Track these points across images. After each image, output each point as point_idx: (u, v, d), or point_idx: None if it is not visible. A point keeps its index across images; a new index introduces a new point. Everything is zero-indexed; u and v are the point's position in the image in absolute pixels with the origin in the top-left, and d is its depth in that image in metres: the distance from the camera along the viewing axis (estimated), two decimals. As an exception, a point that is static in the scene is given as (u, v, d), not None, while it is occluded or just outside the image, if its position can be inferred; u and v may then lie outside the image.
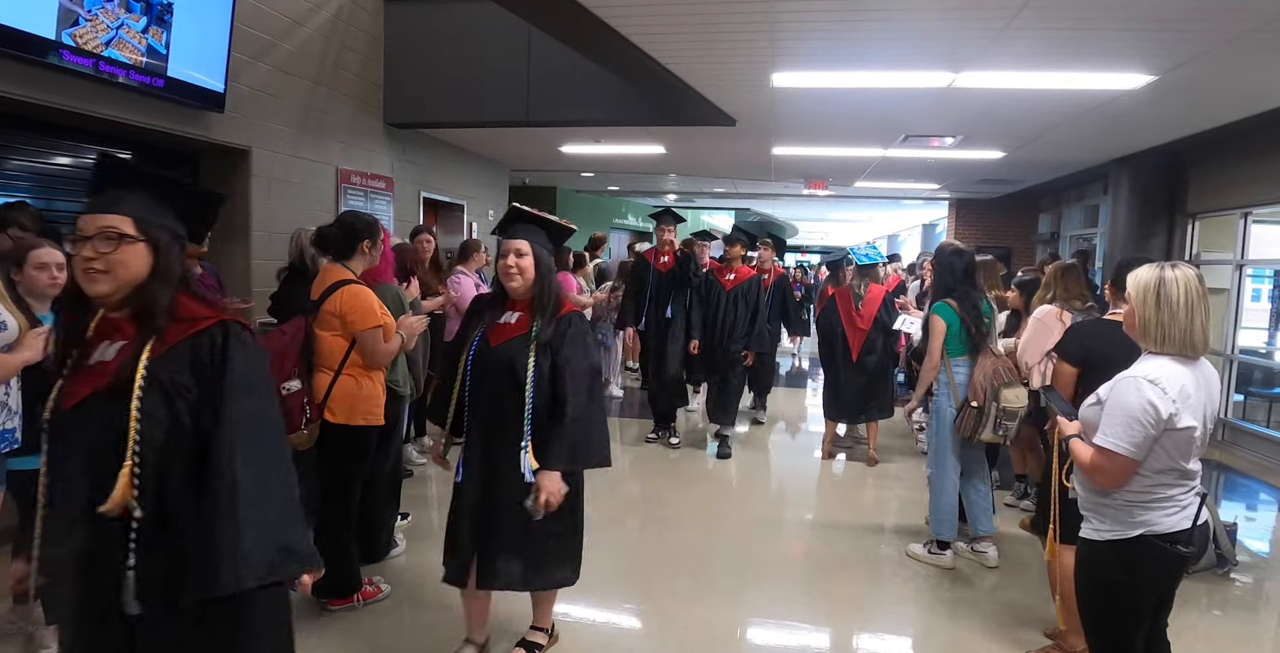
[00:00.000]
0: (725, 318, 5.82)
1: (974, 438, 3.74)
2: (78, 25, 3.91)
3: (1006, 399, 3.65)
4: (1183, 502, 2.06)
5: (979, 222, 12.62)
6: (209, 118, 4.95)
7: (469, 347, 2.57)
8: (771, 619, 3.34)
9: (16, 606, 2.92)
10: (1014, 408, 3.65)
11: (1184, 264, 2.08)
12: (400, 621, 3.19)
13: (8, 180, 4.34)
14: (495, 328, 2.58)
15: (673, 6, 3.90)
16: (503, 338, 2.54)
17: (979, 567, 3.90)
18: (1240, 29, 3.87)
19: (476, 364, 2.55)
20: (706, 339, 5.87)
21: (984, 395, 3.67)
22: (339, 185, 6.42)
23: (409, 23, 6.89)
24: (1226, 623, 3.48)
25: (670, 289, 6.02)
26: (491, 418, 2.56)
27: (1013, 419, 3.68)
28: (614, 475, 5.26)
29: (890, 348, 5.89)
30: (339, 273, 3.14)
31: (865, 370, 5.71)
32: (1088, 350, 2.71)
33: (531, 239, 2.55)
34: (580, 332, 2.57)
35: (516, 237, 2.55)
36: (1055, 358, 2.82)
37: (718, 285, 5.89)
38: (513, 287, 2.54)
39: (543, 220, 2.67)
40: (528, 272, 2.53)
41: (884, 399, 5.78)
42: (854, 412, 5.86)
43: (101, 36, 4.04)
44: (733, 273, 5.90)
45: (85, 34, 3.96)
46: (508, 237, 2.56)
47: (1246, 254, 6.93)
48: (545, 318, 2.51)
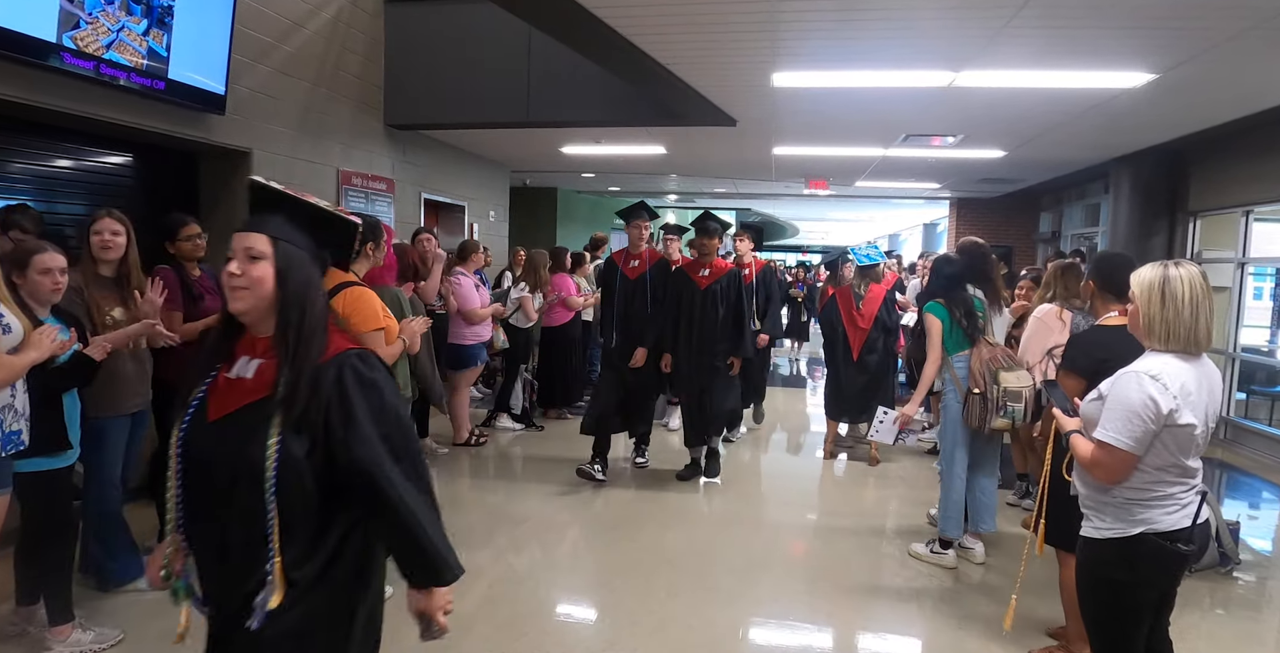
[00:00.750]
0: (702, 321, 4.96)
1: (985, 427, 3.73)
2: (79, 28, 3.92)
3: (1007, 381, 3.65)
4: (1183, 500, 2.06)
5: (980, 221, 12.62)
6: (209, 120, 4.96)
7: (180, 421, 1.59)
8: (773, 619, 3.34)
9: (19, 607, 2.93)
10: (1016, 388, 3.65)
11: (1187, 262, 2.08)
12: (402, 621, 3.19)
13: (9, 183, 4.34)
14: (219, 388, 1.59)
15: (672, 7, 3.90)
16: (228, 407, 1.55)
17: (984, 568, 3.90)
18: (1240, 27, 3.87)
19: (188, 454, 1.58)
20: (681, 349, 5.01)
21: (984, 381, 3.69)
22: (340, 187, 6.43)
23: (409, 24, 6.90)
24: (1229, 622, 3.47)
25: (641, 301, 5.11)
26: (211, 538, 1.56)
27: (1017, 400, 3.66)
28: (613, 478, 5.27)
29: (890, 348, 5.90)
30: (342, 275, 3.14)
31: (866, 370, 5.73)
32: (1098, 360, 2.55)
33: (277, 234, 1.57)
34: (364, 386, 1.55)
35: (253, 230, 1.57)
36: (1061, 368, 2.77)
37: (690, 284, 5.00)
38: (239, 309, 1.55)
39: (300, 206, 1.66)
40: (261, 286, 1.53)
41: (885, 399, 5.76)
42: (855, 410, 5.88)
43: (102, 39, 4.05)
44: (706, 269, 5.02)
45: (86, 36, 3.97)
46: (241, 229, 1.58)
47: (1248, 252, 6.92)
48: (291, 369, 1.50)
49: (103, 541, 3.27)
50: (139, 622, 3.05)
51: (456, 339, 5.73)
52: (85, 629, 2.85)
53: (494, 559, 3.87)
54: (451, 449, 5.87)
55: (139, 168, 5.16)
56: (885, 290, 5.82)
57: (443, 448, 5.80)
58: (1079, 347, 2.77)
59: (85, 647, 2.81)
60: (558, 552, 4.05)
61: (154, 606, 3.22)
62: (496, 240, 9.80)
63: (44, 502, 2.79)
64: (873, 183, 11.06)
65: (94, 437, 3.18)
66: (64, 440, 2.74)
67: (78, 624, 2.85)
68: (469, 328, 5.74)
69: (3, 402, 2.42)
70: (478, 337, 5.82)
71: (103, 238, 3.19)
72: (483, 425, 6.48)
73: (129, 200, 4.81)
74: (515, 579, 3.66)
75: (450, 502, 4.90)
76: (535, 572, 3.77)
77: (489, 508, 4.71)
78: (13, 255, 2.72)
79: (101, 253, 3.20)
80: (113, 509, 3.29)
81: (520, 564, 3.85)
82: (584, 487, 5.07)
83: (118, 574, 3.30)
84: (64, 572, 2.87)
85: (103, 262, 3.21)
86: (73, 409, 2.81)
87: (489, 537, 4.18)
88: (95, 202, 4.69)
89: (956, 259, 4.15)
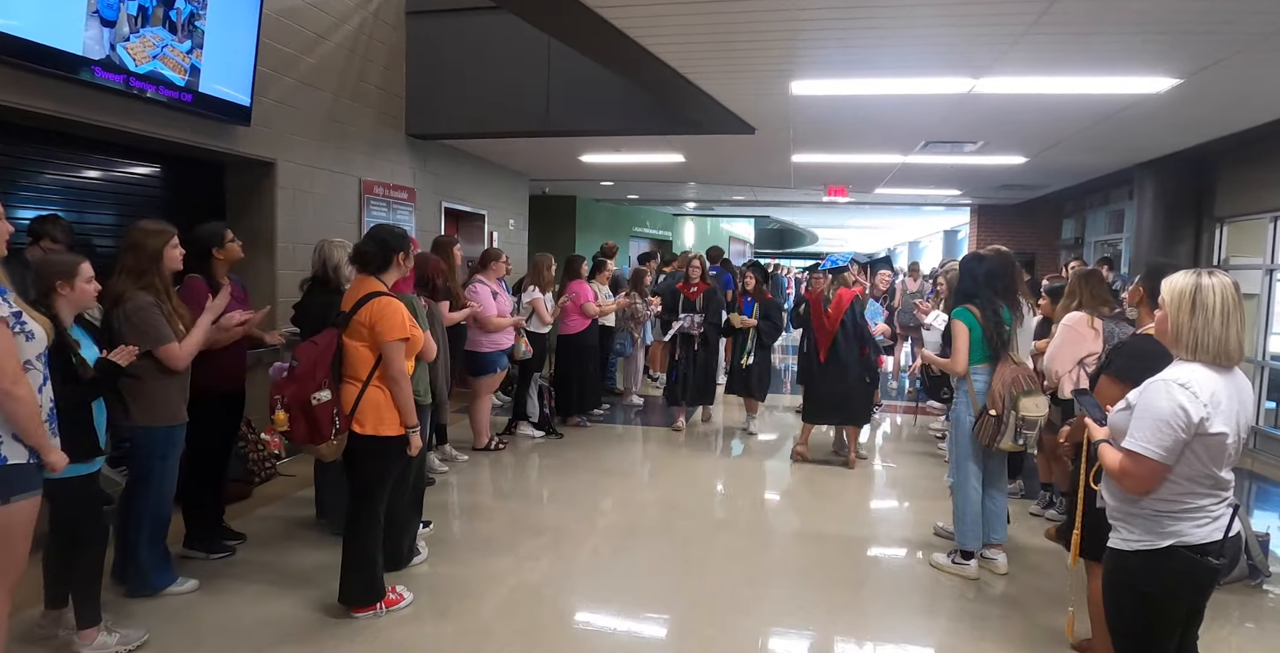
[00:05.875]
0: None
1: (994, 446, 3.70)
2: (128, 41, 4.06)
3: (1025, 408, 3.60)
4: (1214, 512, 2.02)
5: (1001, 227, 12.51)
6: (235, 131, 5.04)
7: None
8: (793, 629, 3.31)
9: (48, 610, 2.98)
10: (1033, 417, 3.61)
11: (1220, 272, 2.04)
12: (422, 628, 3.21)
13: (40, 194, 4.44)
14: None
15: (692, 17, 3.91)
16: None
17: (1006, 578, 3.85)
18: (1266, 30, 3.82)
19: None
20: None
21: (1003, 404, 3.63)
22: (362, 196, 6.50)
23: (430, 35, 6.98)
24: (1260, 636, 3.40)
25: None
26: None
27: (1032, 428, 3.64)
28: (631, 485, 5.26)
29: (869, 360, 5.84)
30: (372, 285, 3.19)
31: (835, 373, 5.72)
32: (1145, 369, 2.31)
33: None
34: None
35: None
36: (1110, 376, 2.63)
37: None
38: None
39: None
40: None
41: (857, 407, 5.79)
42: (825, 415, 5.91)
43: (149, 51, 4.19)
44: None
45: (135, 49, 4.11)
46: None
47: (1277, 259, 6.81)
48: None
49: (154, 546, 3.33)
50: (163, 624, 3.09)
51: (473, 346, 5.75)
52: (110, 632, 2.89)
53: (514, 567, 3.87)
54: (472, 455, 5.90)
55: (167, 178, 5.26)
56: (854, 295, 5.83)
57: (463, 454, 5.82)
58: (1130, 356, 2.61)
59: (110, 649, 2.85)
60: (577, 560, 4.05)
61: (178, 608, 3.27)
62: (516, 249, 9.84)
63: (75, 507, 2.84)
64: (892, 190, 11.00)
65: (160, 445, 3.25)
66: (95, 447, 2.78)
67: (103, 627, 2.88)
68: (486, 336, 5.77)
69: None
70: (496, 345, 5.84)
71: (179, 251, 3.31)
72: (503, 433, 6.50)
73: (157, 211, 4.90)
74: (534, 587, 3.66)
75: (470, 509, 4.93)
76: (555, 580, 3.77)
77: (509, 516, 4.71)
78: (55, 265, 2.76)
79: (174, 265, 3.30)
80: (168, 515, 3.36)
81: (540, 572, 3.85)
82: (603, 495, 5.07)
83: (157, 580, 3.35)
84: (95, 577, 2.91)
85: (170, 272, 3.30)
86: (100, 415, 2.85)
87: (509, 545, 4.19)
88: (125, 212, 4.79)
89: (988, 257, 3.95)
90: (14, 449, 2.32)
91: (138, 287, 3.15)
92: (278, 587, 3.51)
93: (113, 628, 2.91)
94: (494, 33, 6.78)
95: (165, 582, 3.37)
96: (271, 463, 5.10)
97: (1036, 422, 3.62)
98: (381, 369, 3.12)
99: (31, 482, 2.39)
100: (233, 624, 3.16)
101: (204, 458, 3.74)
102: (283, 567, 3.74)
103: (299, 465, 5.20)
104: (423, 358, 3.38)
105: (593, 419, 7.23)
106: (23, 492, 2.35)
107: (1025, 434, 3.63)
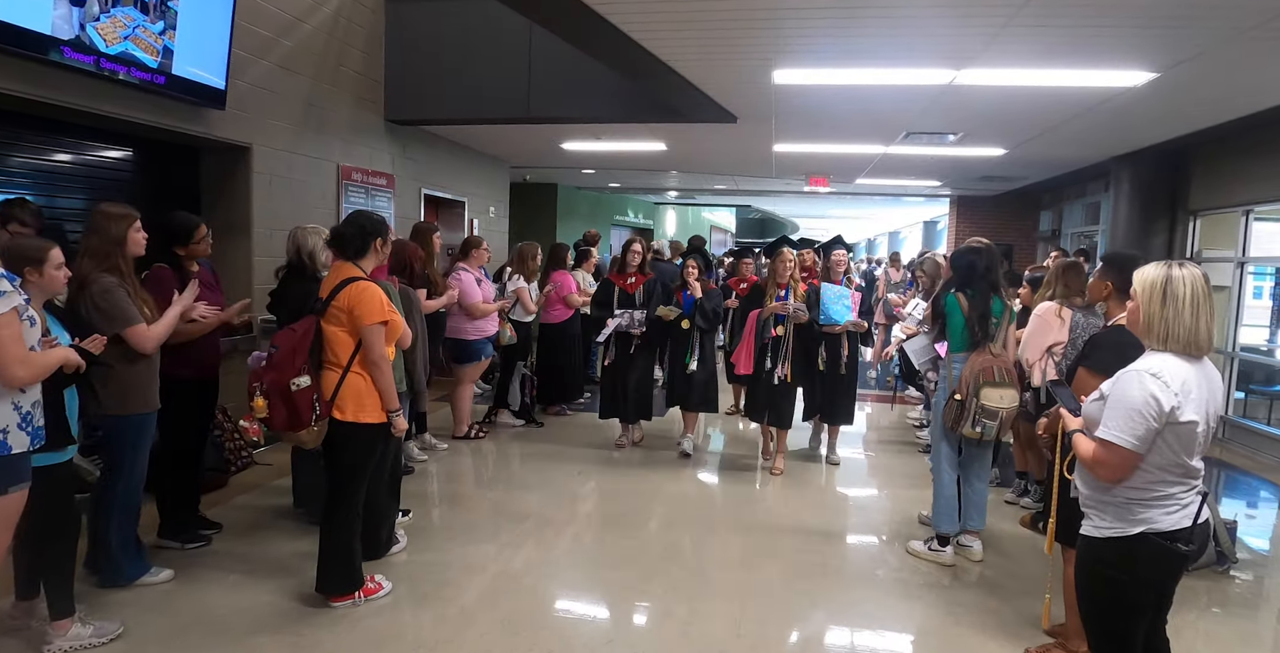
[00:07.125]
0: None
1: (955, 429, 3.76)
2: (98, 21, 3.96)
3: (987, 397, 3.64)
4: (1184, 500, 2.06)
5: (980, 219, 12.63)
6: (210, 115, 4.95)
7: None
8: (770, 616, 3.34)
9: (19, 601, 2.93)
10: (994, 407, 3.65)
11: (1191, 263, 2.08)
12: (400, 617, 3.20)
13: (8, 177, 4.33)
14: None
15: (674, 4, 3.89)
16: None
17: (982, 565, 3.91)
18: (1241, 26, 3.86)
19: None
20: None
21: (967, 390, 3.69)
22: (340, 182, 6.42)
23: (410, 19, 6.89)
24: (1226, 621, 3.48)
25: None
26: None
27: (992, 418, 3.67)
28: (611, 474, 5.27)
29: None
30: (349, 271, 3.16)
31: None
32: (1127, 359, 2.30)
33: None
34: None
35: None
36: (1086, 368, 2.67)
37: None
38: None
39: None
40: None
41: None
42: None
43: (120, 32, 4.10)
44: None
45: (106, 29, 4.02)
46: None
47: (1248, 252, 6.93)
48: None
49: (124, 535, 3.29)
50: (138, 616, 3.06)
51: (459, 334, 5.72)
52: (85, 624, 2.85)
53: (495, 555, 3.87)
54: (451, 444, 5.88)
55: (139, 162, 5.16)
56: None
57: (442, 443, 5.80)
58: (1105, 348, 2.66)
59: (85, 641, 2.81)
60: (557, 548, 4.06)
61: (154, 599, 3.23)
62: (497, 236, 9.79)
63: (47, 496, 2.79)
64: (873, 180, 11.06)
65: (131, 433, 3.21)
66: (68, 435, 2.73)
67: (77, 618, 2.85)
68: (470, 322, 5.73)
69: (33, 398, 2.43)
70: (481, 332, 5.81)
71: (142, 235, 3.24)
72: (483, 422, 6.48)
73: (129, 195, 4.80)
74: (515, 575, 3.67)
75: (450, 498, 4.92)
76: (535, 568, 3.78)
77: (489, 504, 4.71)
78: (25, 251, 2.69)
79: (136, 249, 3.23)
80: (138, 504, 3.32)
81: (520, 560, 3.86)
82: (583, 483, 5.08)
83: (130, 570, 3.31)
84: (66, 566, 2.87)
85: (134, 257, 3.24)
86: (72, 403, 2.81)
87: (489, 533, 4.19)
88: (95, 196, 4.69)
89: (984, 250, 3.95)
90: (18, 438, 2.33)
91: (101, 269, 3.09)
92: (255, 577, 3.49)
93: (87, 620, 2.88)
94: (474, 18, 6.70)
95: (138, 572, 3.33)
96: (248, 452, 5.05)
97: (998, 412, 3.65)
98: (362, 354, 3.10)
99: (26, 472, 2.40)
100: (209, 615, 3.13)
101: (178, 446, 3.69)
102: (260, 556, 3.71)
103: (276, 454, 5.15)
104: (399, 345, 3.35)
105: (574, 408, 7.23)
106: (20, 482, 2.37)
107: (985, 423, 3.67)
